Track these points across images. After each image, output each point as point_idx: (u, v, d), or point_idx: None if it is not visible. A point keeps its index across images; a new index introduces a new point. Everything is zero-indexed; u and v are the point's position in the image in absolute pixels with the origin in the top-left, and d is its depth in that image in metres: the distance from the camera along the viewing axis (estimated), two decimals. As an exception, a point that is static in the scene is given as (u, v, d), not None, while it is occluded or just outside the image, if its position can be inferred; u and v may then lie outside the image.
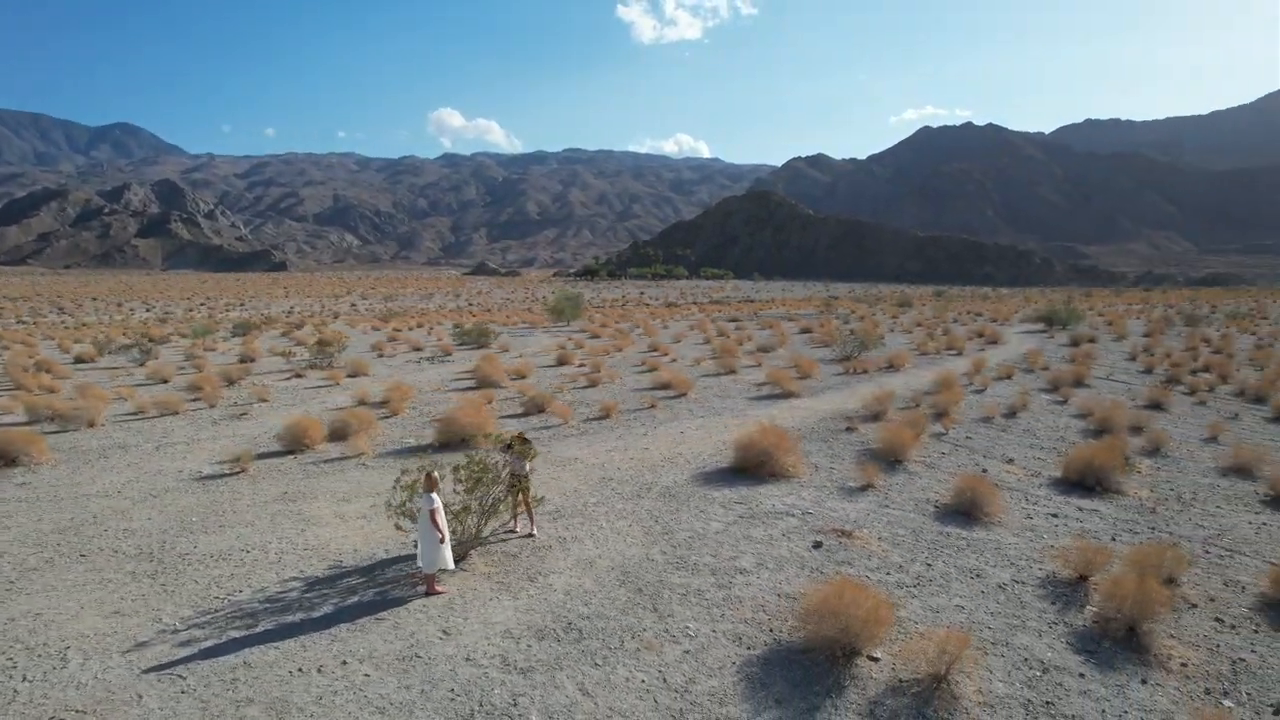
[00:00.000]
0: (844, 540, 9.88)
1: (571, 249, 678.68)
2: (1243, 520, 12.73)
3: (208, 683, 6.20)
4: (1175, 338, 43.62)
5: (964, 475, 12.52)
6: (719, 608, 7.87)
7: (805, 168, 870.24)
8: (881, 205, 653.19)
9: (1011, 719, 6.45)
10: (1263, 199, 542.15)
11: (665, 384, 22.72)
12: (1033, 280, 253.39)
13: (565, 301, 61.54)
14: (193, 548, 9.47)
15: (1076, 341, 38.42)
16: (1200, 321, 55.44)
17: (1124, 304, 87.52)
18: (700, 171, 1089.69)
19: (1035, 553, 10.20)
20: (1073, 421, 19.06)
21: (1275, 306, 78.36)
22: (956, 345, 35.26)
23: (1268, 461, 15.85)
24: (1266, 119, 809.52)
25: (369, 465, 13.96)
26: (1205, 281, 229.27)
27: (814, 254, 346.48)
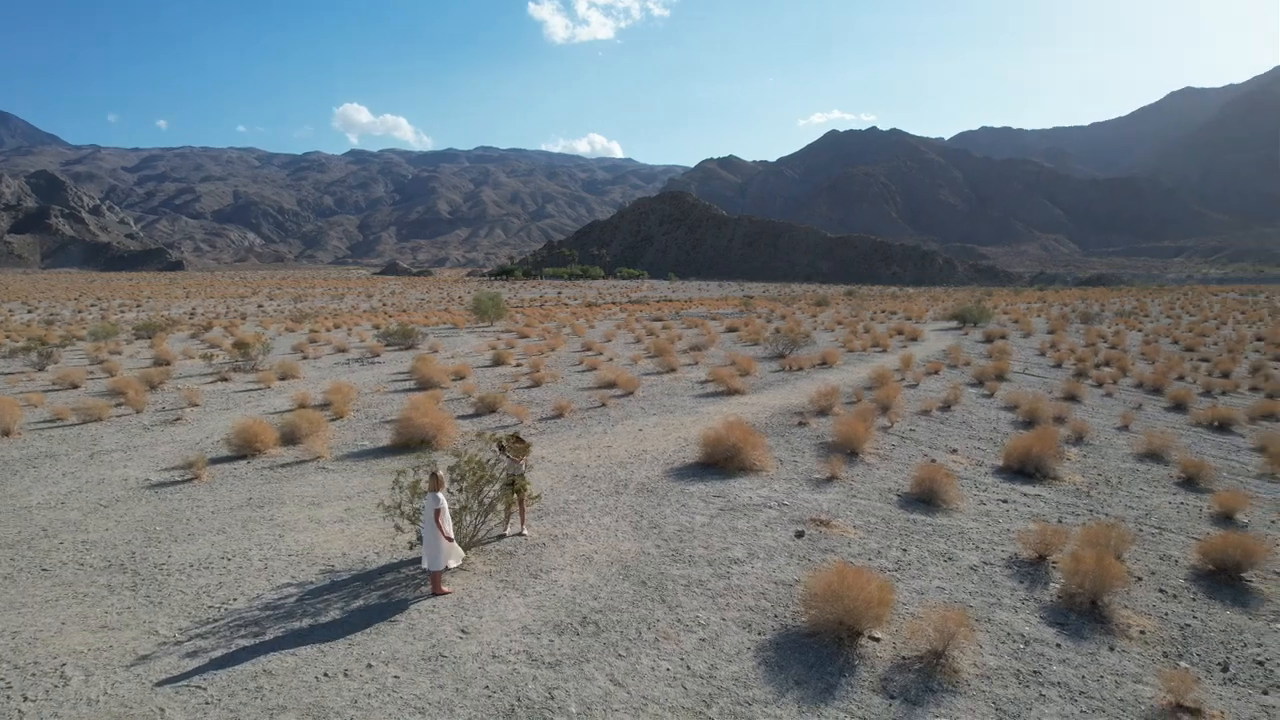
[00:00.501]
0: (823, 529, 10.31)
1: (484, 248, 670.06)
2: (1164, 500, 13.82)
3: (231, 692, 6.04)
4: (1075, 334, 46.42)
5: (921, 465, 13.19)
6: (722, 597, 8.14)
7: (717, 169, 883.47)
8: (792, 206, 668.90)
9: (1007, 688, 6.94)
10: (1139, 206, 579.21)
11: (611, 383, 22.91)
12: (936, 280, 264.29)
13: (488, 302, 61.01)
14: (167, 558, 9.14)
15: (990, 338, 40.49)
16: (1094, 319, 59.08)
17: (1024, 302, 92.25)
18: (613, 171, 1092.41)
19: (995, 536, 10.86)
20: (1002, 414, 20.17)
21: (1155, 305, 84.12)
22: (881, 343, 36.67)
23: (1174, 447, 17.22)
24: (1139, 131, 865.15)
25: (330, 469, 13.67)
26: (1090, 281, 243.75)
27: (728, 254, 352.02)
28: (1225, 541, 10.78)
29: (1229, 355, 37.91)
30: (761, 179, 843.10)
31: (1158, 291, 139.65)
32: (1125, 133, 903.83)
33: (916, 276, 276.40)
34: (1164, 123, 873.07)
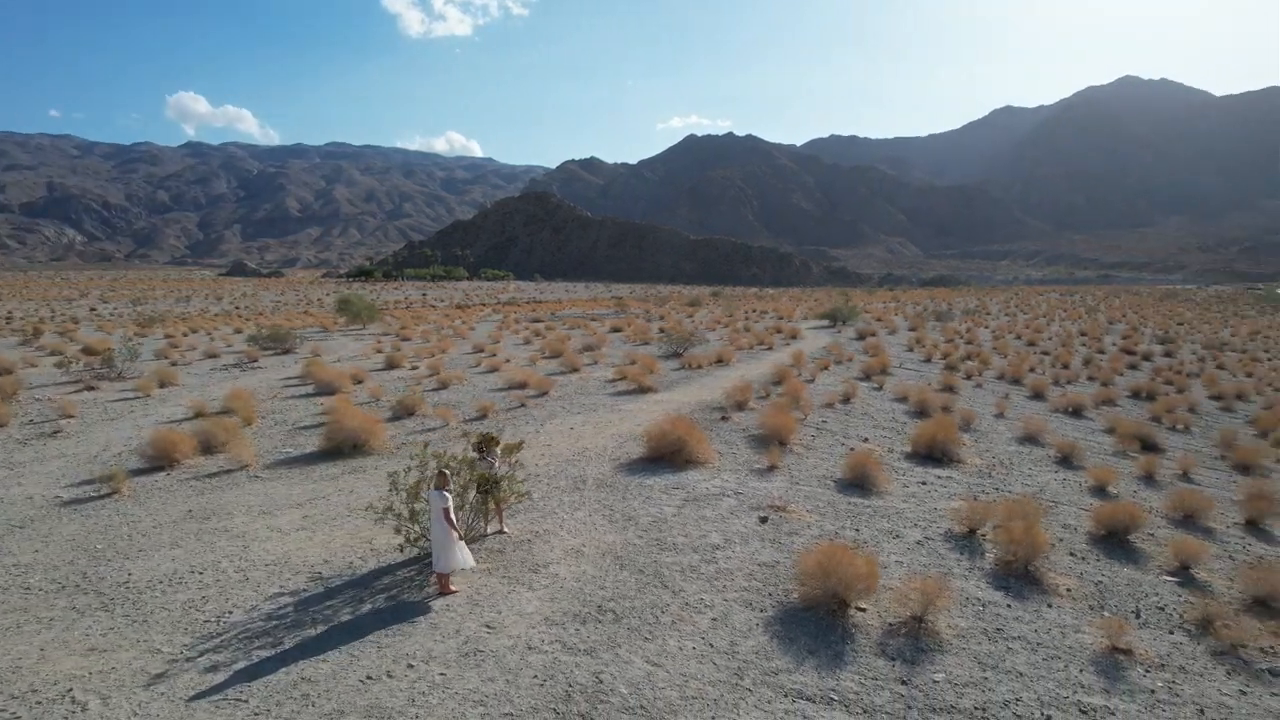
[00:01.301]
0: (782, 514, 11.00)
1: (339, 248, 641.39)
2: (1051, 478, 15.50)
3: (278, 701, 5.91)
4: (933, 331, 50.04)
5: (852, 453, 14.20)
6: (717, 580, 8.63)
7: (579, 170, 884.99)
8: (653, 208, 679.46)
9: (980, 644, 7.81)
10: (971, 212, 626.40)
11: (521, 383, 22.93)
12: (794, 280, 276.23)
13: (360, 304, 59.08)
14: (127, 575, 8.66)
15: (862, 335, 43.11)
16: (946, 317, 63.86)
17: (880, 302, 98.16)
18: (473, 171, 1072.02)
19: (927, 515, 11.93)
20: (895, 405, 21.75)
21: (994, 303, 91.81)
22: (765, 341, 38.31)
23: (1047, 431, 19.21)
24: (969, 143, 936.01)
25: (263, 478, 13.15)
26: (933, 282, 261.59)
27: (593, 255, 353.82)
28: (1114, 510, 12.33)
29: (1064, 349, 42.17)
30: (623, 181, 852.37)
31: (992, 291, 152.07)
32: (957, 144, 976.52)
33: (775, 277, 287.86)
34: (990, 136, 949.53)
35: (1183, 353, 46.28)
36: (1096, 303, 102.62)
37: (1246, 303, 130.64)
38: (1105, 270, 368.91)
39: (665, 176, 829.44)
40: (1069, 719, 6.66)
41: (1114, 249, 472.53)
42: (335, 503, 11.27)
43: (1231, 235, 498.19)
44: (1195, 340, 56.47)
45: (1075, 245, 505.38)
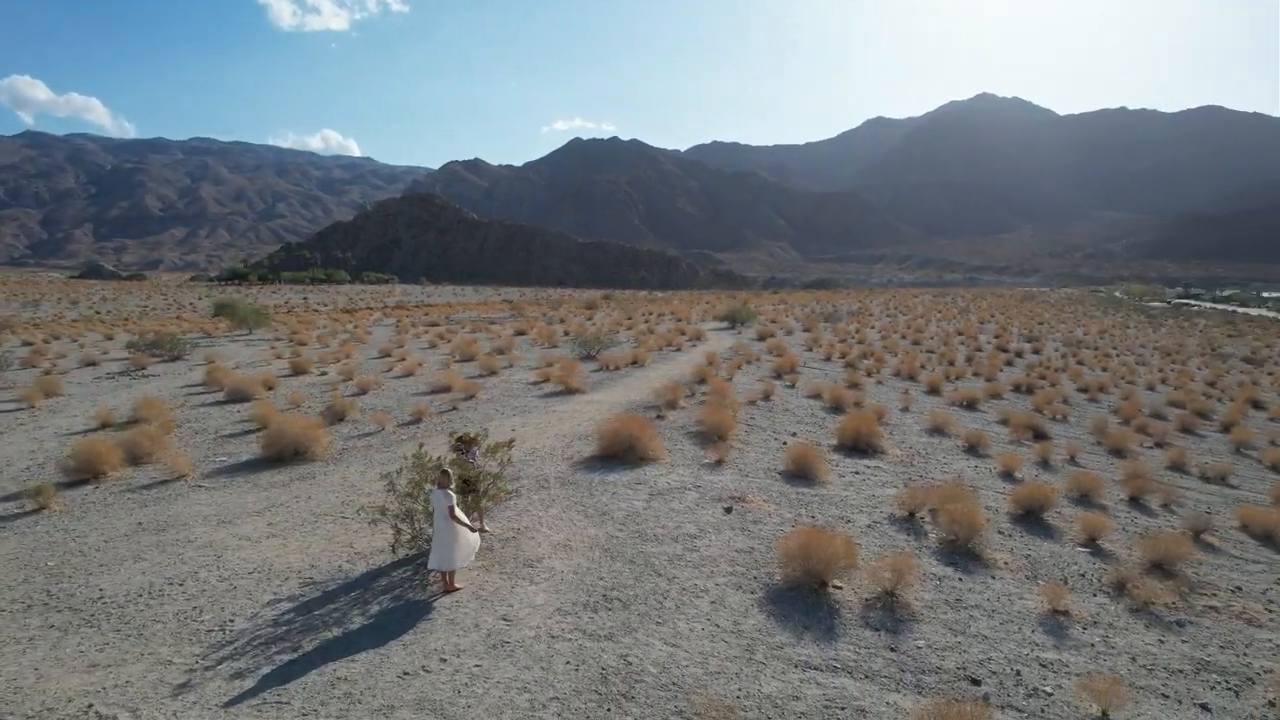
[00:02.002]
0: (744, 505, 11.60)
1: (206, 250, 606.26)
2: (964, 465, 16.81)
3: (322, 701, 5.91)
4: (825, 332, 52.35)
5: (792, 447, 14.99)
6: (704, 566, 9.10)
7: (463, 172, 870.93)
8: (539, 211, 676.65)
9: (946, 613, 8.62)
10: (847, 218, 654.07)
11: (445, 386, 22.75)
12: (681, 283, 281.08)
13: (246, 308, 56.59)
14: (99, 591, 8.31)
15: (763, 336, 44.69)
16: (834, 318, 66.82)
17: (769, 304, 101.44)
18: (352, 171, 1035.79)
19: (868, 501, 12.82)
20: (811, 402, 22.86)
21: (875, 305, 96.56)
22: (674, 343, 39.16)
23: (951, 423, 20.72)
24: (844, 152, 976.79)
25: (206, 487, 12.70)
26: (813, 285, 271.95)
27: (481, 258, 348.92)
28: (1029, 491, 13.61)
29: (946, 348, 45.08)
30: (508, 183, 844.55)
31: (871, 293, 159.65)
32: (834, 152, 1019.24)
33: (663, 280, 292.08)
34: (863, 145, 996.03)
35: (1048, 350, 50.23)
36: (966, 304, 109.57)
37: (1093, 304, 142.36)
38: (970, 273, 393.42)
39: (551, 179, 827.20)
40: (1033, 672, 7.50)
41: (977, 253, 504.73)
42: (296, 509, 11.08)
43: (1075, 242, 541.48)
44: (1056, 338, 61.29)
45: (943, 250, 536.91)
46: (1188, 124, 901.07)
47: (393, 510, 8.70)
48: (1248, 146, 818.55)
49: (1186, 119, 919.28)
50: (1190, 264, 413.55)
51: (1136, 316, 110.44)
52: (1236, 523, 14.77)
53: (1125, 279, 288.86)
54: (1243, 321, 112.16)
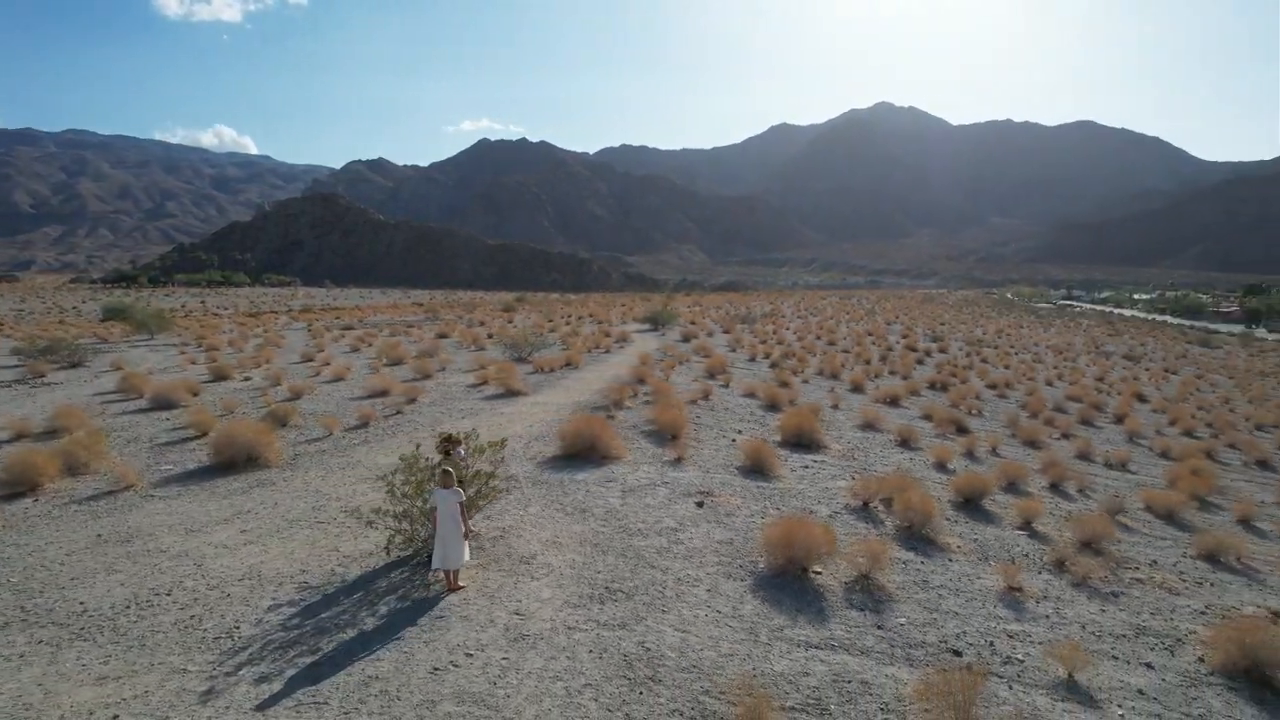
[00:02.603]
0: (713, 499, 12.04)
1: (86, 250, 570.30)
2: (900, 458, 17.75)
3: (360, 699, 5.94)
4: (744, 333, 53.62)
5: (746, 444, 15.52)
6: (692, 558, 9.46)
7: (367, 171, 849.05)
8: (447, 212, 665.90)
9: (918, 593, 9.25)
10: (754, 221, 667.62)
11: (383, 390, 22.42)
12: (593, 285, 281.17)
13: (145, 312, 53.98)
14: (79, 605, 8.01)
15: (687, 338, 45.48)
16: (750, 320, 68.42)
17: (684, 306, 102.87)
18: (248, 169, 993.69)
19: (823, 493, 13.46)
20: (748, 401, 23.56)
21: (786, 306, 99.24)
22: (601, 344, 39.45)
23: (880, 419, 21.76)
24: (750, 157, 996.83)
25: (157, 496, 12.25)
26: (723, 287, 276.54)
27: (388, 260, 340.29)
28: (968, 480, 14.56)
29: (859, 347, 46.92)
30: (414, 184, 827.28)
31: (780, 295, 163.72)
32: (740, 157, 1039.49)
33: (575, 283, 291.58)
34: (768, 151, 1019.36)
35: (952, 349, 52.85)
36: (872, 305, 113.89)
37: (987, 305, 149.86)
38: (872, 275, 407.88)
39: (458, 181, 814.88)
40: (1004, 643, 8.17)
41: (879, 256, 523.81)
42: (267, 516, 10.88)
43: (969, 247, 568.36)
44: (959, 338, 64.47)
45: (845, 253, 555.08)
46: (1066, 137, 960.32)
47: (389, 511, 8.71)
48: (1118, 159, 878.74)
49: (1065, 132, 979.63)
50: (1071, 267, 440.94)
51: (1027, 317, 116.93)
52: (1142, 504, 16.16)
53: (1015, 281, 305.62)
54: (1119, 321, 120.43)
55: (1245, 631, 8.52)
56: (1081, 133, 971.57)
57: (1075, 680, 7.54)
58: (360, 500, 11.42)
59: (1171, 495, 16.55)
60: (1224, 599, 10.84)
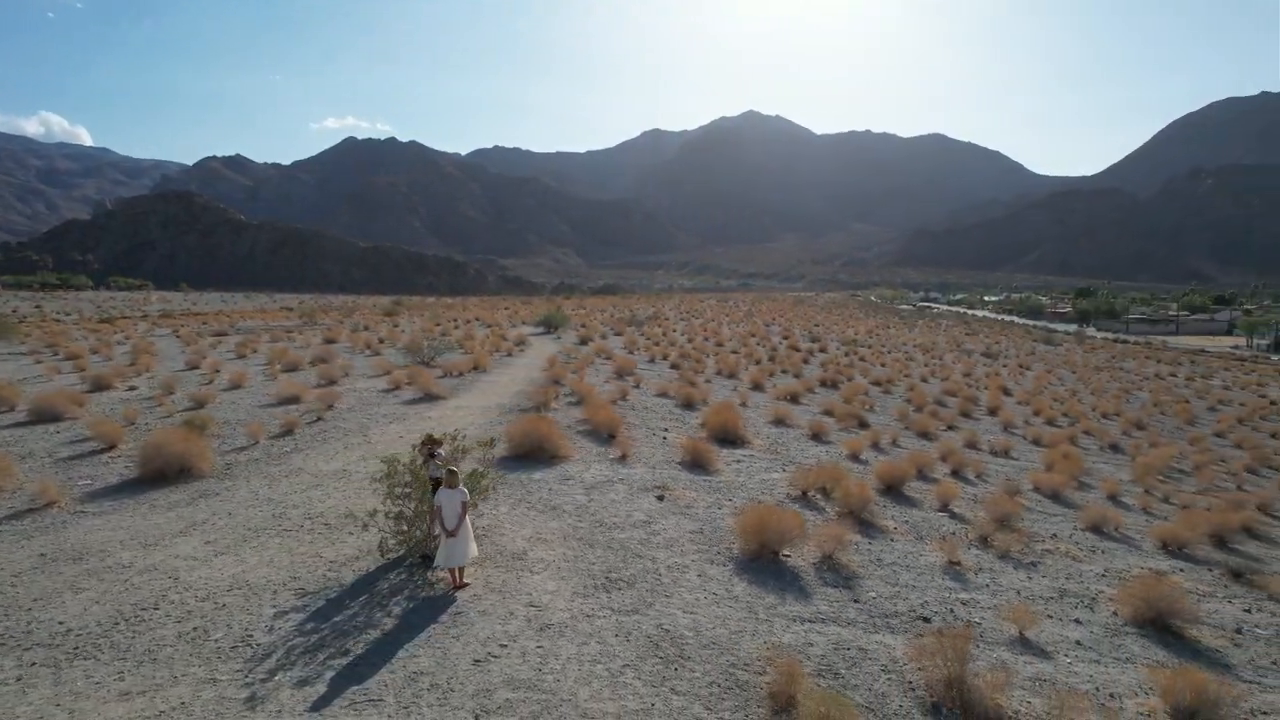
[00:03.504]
0: (670, 493, 12.56)
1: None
2: (818, 451, 18.88)
3: (413, 694, 6.04)
4: (637, 335, 54.54)
5: (683, 440, 16.15)
6: (672, 546, 9.94)
7: (223, 168, 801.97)
8: (312, 213, 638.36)
9: (877, 570, 10.12)
10: (628, 225, 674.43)
11: (294, 397, 21.67)
12: (470, 289, 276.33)
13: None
14: (59, 625, 7.54)
15: (584, 340, 45.86)
16: (638, 322, 69.53)
17: (569, 309, 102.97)
18: (84, 162, 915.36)
19: (762, 485, 14.26)
20: (662, 400, 24.24)
21: (669, 309, 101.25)
22: (503, 348, 39.26)
23: (791, 416, 22.93)
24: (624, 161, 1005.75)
25: (89, 512, 11.54)
26: (601, 290, 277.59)
27: (250, 262, 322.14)
28: (889, 468, 15.73)
29: (746, 348, 48.71)
30: (276, 183, 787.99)
31: (659, 298, 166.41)
32: (614, 161, 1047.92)
33: (451, 286, 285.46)
34: (641, 155, 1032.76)
35: (831, 349, 55.58)
36: (748, 308, 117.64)
37: (855, 307, 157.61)
38: (744, 279, 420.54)
39: (324, 180, 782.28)
40: (961, 609, 9.12)
41: (749, 260, 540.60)
42: (225, 527, 10.54)
43: (834, 251, 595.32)
44: (834, 338, 67.76)
45: (717, 257, 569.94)
46: (919, 148, 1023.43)
47: (389, 512, 8.75)
48: (966, 171, 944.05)
49: (918, 144, 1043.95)
50: (926, 270, 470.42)
51: (892, 318, 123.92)
52: (1031, 486, 17.88)
53: (877, 284, 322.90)
54: (973, 321, 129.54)
55: (1144, 589, 9.84)
56: (933, 145, 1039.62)
57: (1026, 637, 8.54)
58: (320, 507, 11.27)
59: (1054, 477, 18.42)
60: (1114, 564, 12.34)
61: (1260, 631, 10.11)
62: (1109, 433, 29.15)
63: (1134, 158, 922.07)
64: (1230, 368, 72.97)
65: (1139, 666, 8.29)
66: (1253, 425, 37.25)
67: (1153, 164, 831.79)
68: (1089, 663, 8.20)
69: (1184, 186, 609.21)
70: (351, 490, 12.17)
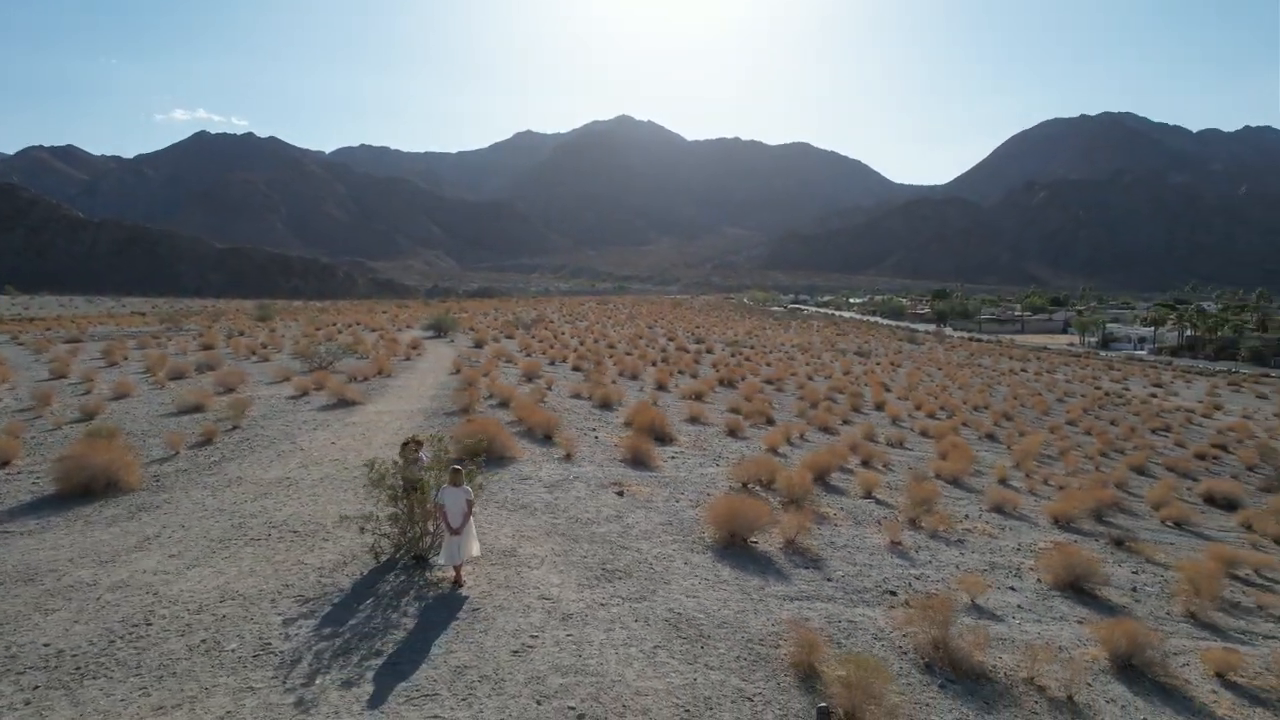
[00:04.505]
0: (628, 490, 12.95)
1: None
2: (739, 447, 19.73)
3: (467, 685, 6.16)
4: (528, 338, 54.40)
5: (625, 439, 16.56)
6: (651, 538, 10.35)
7: (52, 159, 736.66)
8: (160, 211, 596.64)
9: (836, 552, 10.90)
10: (501, 227, 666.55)
11: (197, 406, 20.58)
12: (340, 293, 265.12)
13: None
14: (47, 648, 6.99)
15: (479, 344, 45.39)
16: (526, 325, 69.29)
17: (451, 313, 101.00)
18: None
19: (706, 478, 14.93)
20: (579, 401, 24.55)
21: (551, 312, 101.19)
22: (400, 352, 38.36)
23: (705, 414, 23.76)
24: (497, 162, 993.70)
25: (16, 531, 10.75)
26: (477, 293, 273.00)
27: (90, 263, 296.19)
28: (815, 459, 16.71)
29: (638, 350, 49.60)
30: (117, 178, 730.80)
31: (538, 301, 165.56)
32: (486, 162, 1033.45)
33: (319, 290, 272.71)
34: (515, 157, 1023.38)
35: (717, 350, 57.31)
36: (629, 311, 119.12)
37: (730, 309, 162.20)
38: (620, 281, 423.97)
39: (172, 176, 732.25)
40: (917, 582, 10.02)
41: (624, 264, 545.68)
42: (185, 540, 10.05)
43: (706, 254, 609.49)
44: (716, 339, 69.80)
45: (592, 260, 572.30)
46: (785, 156, 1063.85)
47: (380, 516, 8.74)
48: (828, 179, 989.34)
49: (784, 151, 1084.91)
50: (795, 274, 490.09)
51: (767, 319, 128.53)
52: (933, 473, 19.37)
53: (748, 287, 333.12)
54: (842, 322, 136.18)
55: (1062, 558, 11.09)
56: (797, 153, 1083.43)
57: (978, 603, 9.51)
58: (279, 515, 10.98)
59: (952, 465, 20.01)
60: (1023, 539, 13.72)
61: (1149, 589, 11.59)
62: (983, 424, 31.67)
63: (978, 170, 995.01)
64: (1069, 363, 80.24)
65: (1072, 623, 9.40)
66: (1095, 414, 41.35)
67: (994, 176, 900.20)
68: (1032, 622, 9.23)
69: (1021, 198, 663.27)
70: (306, 498, 11.91)
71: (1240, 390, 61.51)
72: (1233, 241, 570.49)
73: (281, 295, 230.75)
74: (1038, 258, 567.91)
